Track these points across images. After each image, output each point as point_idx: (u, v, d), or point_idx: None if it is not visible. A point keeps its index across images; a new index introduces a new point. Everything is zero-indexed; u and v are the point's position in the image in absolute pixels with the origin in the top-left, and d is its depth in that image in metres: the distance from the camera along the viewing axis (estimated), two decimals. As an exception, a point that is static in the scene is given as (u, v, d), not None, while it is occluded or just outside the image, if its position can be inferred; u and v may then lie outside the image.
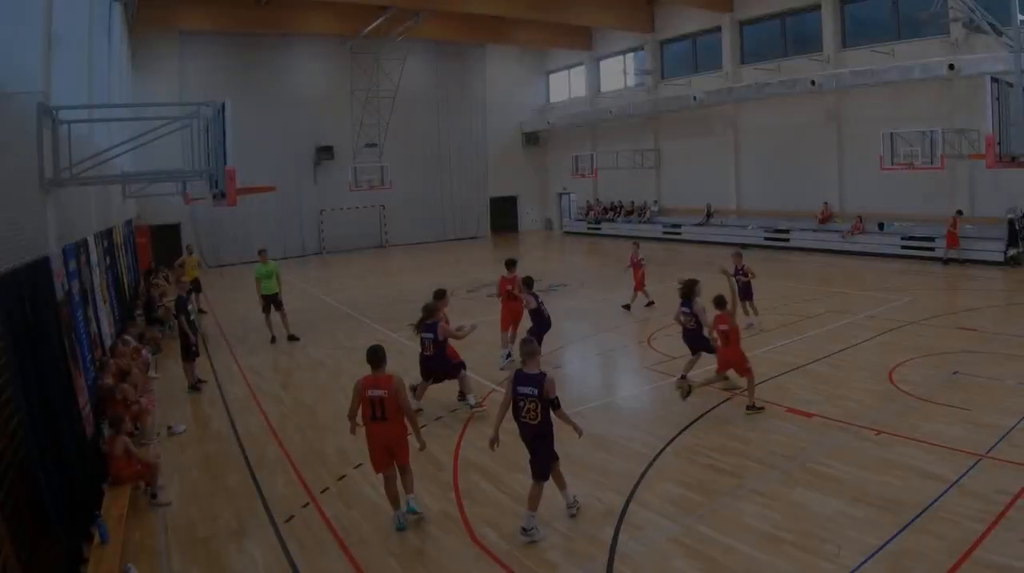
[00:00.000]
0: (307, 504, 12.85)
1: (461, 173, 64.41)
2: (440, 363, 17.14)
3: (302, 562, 10.85)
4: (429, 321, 16.92)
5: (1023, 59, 23.77)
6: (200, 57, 50.89)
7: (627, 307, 28.45)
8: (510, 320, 21.69)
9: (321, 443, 15.99)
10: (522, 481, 13.09)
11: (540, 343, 14.95)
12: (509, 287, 21.53)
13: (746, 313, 23.94)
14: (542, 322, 20.58)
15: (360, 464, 14.35)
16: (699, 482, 12.78)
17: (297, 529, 11.91)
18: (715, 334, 17.18)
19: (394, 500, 12.03)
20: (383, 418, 11.69)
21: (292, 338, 26.29)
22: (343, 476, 14.03)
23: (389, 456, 11.97)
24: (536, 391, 11.14)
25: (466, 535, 11.43)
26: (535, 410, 11.19)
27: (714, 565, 10.14)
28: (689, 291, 17.74)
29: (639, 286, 28.61)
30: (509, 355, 20.94)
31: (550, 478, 11.60)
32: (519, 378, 11.39)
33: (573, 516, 11.80)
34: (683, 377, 17.58)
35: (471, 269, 44.02)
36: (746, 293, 23.88)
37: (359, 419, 11.99)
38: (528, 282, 21.10)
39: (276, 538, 11.62)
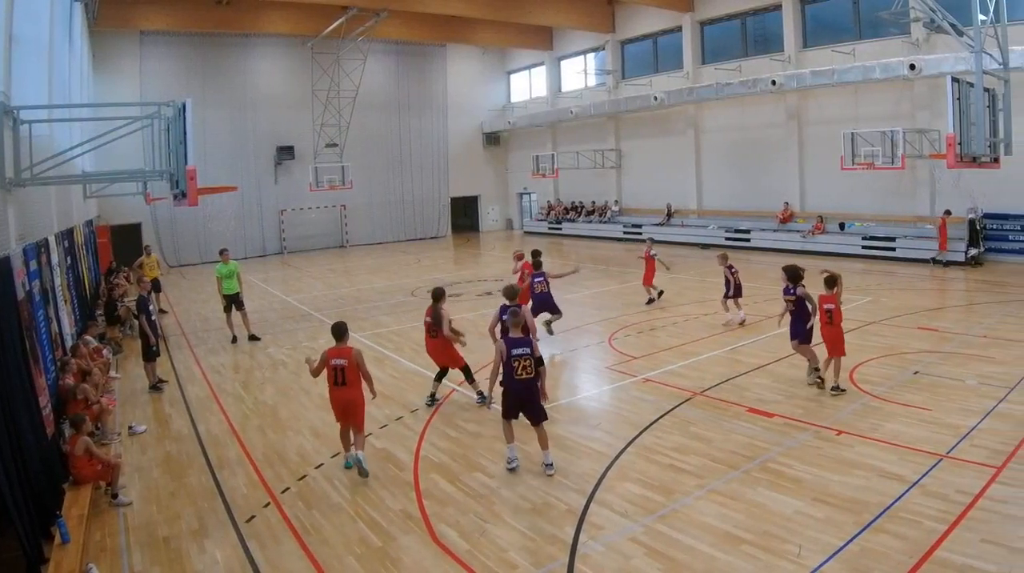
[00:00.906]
0: (268, 504, 12.79)
1: (422, 173, 64.38)
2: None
3: (263, 562, 10.81)
4: (509, 303, 16.79)
5: (983, 59, 24.00)
6: (161, 57, 50.66)
7: (650, 301, 28.94)
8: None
9: (282, 443, 15.94)
10: (481, 480, 13.28)
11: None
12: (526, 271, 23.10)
13: (738, 307, 24.81)
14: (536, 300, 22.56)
15: (321, 464, 14.50)
16: (660, 482, 12.79)
17: (258, 529, 11.87)
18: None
19: (346, 446, 14.39)
20: (343, 384, 13.86)
21: (253, 338, 26.21)
22: (304, 476, 14.01)
23: (345, 416, 14.10)
24: (528, 350, 13.40)
25: (427, 535, 11.40)
26: (529, 366, 13.32)
27: (674, 565, 10.15)
28: (795, 277, 18.03)
29: (647, 281, 29.03)
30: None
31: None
32: (511, 343, 13.51)
33: (550, 476, 13.31)
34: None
35: (432, 269, 44.00)
36: (739, 291, 24.40)
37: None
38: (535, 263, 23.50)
39: (237, 538, 11.56)
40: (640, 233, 52.78)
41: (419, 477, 13.70)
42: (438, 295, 17.80)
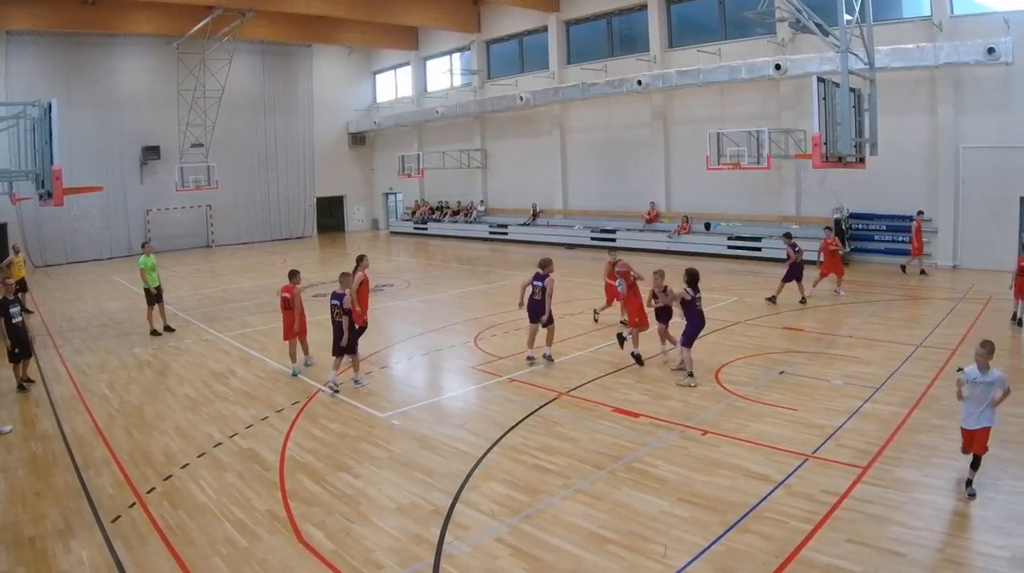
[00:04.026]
0: (133, 504, 12.69)
1: (288, 173, 64.16)
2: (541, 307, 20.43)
3: (129, 562, 10.74)
4: (542, 271, 20.39)
5: (849, 59, 24.56)
6: (26, 57, 49.71)
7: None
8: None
9: (147, 443, 15.80)
10: (347, 480, 13.42)
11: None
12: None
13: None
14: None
15: (187, 464, 14.47)
16: (525, 482, 12.95)
17: (124, 529, 11.78)
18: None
19: (292, 358, 20.76)
20: (288, 309, 20.80)
21: (168, 329, 26.87)
22: (169, 476, 13.91)
23: (292, 333, 20.68)
24: (339, 302, 18.34)
25: (292, 535, 11.44)
26: (339, 313, 18.31)
27: (540, 565, 10.29)
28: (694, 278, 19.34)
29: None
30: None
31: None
32: (333, 296, 18.63)
33: (356, 390, 18.70)
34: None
35: (298, 269, 43.56)
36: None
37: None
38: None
39: (103, 538, 11.46)
40: (506, 233, 53.51)
41: (285, 477, 13.73)
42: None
